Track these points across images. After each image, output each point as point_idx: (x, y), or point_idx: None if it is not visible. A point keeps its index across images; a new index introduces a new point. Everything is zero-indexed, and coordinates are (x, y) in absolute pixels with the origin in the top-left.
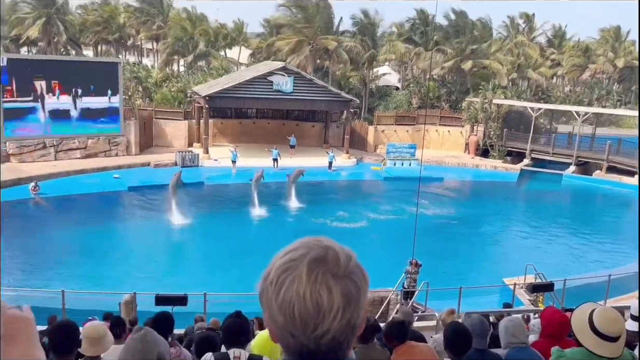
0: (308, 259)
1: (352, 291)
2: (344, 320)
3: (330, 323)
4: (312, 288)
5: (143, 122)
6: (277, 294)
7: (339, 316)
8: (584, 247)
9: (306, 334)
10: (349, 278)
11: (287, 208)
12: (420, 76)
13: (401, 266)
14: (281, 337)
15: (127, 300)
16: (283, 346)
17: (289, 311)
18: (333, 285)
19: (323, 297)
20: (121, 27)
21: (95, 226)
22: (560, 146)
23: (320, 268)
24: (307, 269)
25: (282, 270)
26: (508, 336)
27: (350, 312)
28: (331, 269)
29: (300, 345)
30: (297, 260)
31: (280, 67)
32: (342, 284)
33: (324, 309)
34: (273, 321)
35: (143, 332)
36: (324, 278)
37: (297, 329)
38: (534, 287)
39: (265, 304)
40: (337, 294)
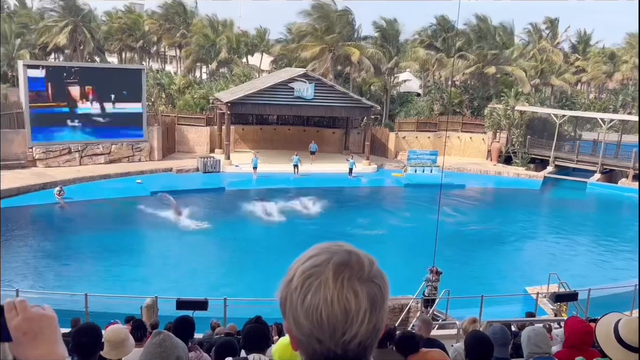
0: (333, 264)
1: (376, 295)
2: (371, 324)
3: (358, 327)
4: (339, 292)
5: (166, 128)
6: (303, 300)
7: (366, 320)
8: (609, 257)
9: (334, 339)
10: (373, 282)
11: (306, 214)
12: (442, 82)
13: (421, 274)
14: (306, 344)
15: (149, 304)
16: (307, 353)
17: (316, 317)
18: (359, 289)
19: (350, 302)
20: (145, 34)
21: (118, 230)
22: (585, 153)
23: (345, 272)
24: (333, 274)
25: (307, 275)
26: (531, 346)
27: (376, 315)
28: (356, 273)
29: (327, 351)
30: (322, 266)
31: (301, 74)
32: (368, 288)
33: (352, 314)
34: (298, 328)
35: (162, 337)
36: (350, 282)
37: (325, 334)
38: (557, 297)
39: (289, 310)
40: (363, 298)
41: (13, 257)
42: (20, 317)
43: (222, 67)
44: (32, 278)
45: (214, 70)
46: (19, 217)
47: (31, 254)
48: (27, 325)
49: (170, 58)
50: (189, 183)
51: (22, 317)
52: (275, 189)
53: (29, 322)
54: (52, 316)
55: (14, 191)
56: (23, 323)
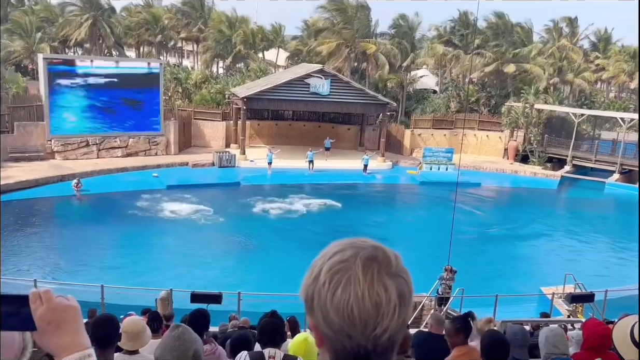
0: (361, 259)
1: (404, 289)
2: (400, 319)
3: (389, 322)
4: (369, 287)
5: (182, 123)
6: (332, 296)
7: (396, 314)
8: (627, 258)
9: (365, 334)
10: (400, 276)
11: (321, 209)
12: (459, 79)
13: (435, 272)
14: (335, 340)
15: (163, 297)
16: (334, 350)
17: (347, 312)
18: (389, 284)
19: (381, 296)
20: (163, 29)
21: (134, 223)
22: (604, 153)
23: (374, 267)
24: (362, 269)
25: (335, 271)
26: (548, 346)
27: (405, 310)
28: (384, 267)
29: (357, 346)
30: (349, 261)
31: (318, 70)
32: (396, 282)
33: (382, 308)
34: (327, 324)
35: (180, 330)
36: (380, 277)
37: (356, 329)
38: (573, 297)
39: (317, 307)
40: (392, 292)
41: (31, 248)
42: (45, 307)
43: (238, 62)
44: (50, 269)
45: (231, 65)
46: (37, 208)
47: (49, 244)
48: (52, 315)
49: (187, 53)
50: (204, 177)
51: (47, 306)
52: (290, 184)
53: (53, 311)
54: (76, 307)
55: (33, 183)
56: (48, 313)
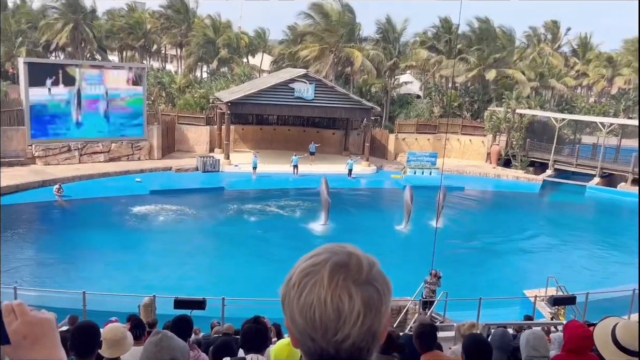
0: (330, 264)
1: (373, 298)
2: (365, 327)
3: (350, 328)
4: (332, 293)
5: (166, 127)
6: (299, 298)
7: (359, 322)
8: (608, 261)
9: (326, 338)
10: (371, 284)
11: (305, 214)
12: (442, 84)
13: (419, 276)
14: (301, 341)
15: (147, 303)
16: (303, 351)
17: (309, 315)
18: (354, 291)
19: (344, 302)
20: (146, 33)
21: (117, 229)
22: (584, 157)
23: (341, 273)
24: (329, 274)
25: (305, 274)
26: (529, 349)
27: (371, 318)
28: (353, 274)
29: (320, 349)
30: (320, 265)
31: (302, 75)
32: (364, 290)
33: (344, 315)
34: (294, 325)
35: (160, 336)
36: (345, 283)
37: (318, 333)
38: (555, 300)
39: (287, 307)
40: (357, 300)
41: (11, 255)
42: (19, 321)
43: (222, 66)
44: (31, 276)
45: (215, 69)
46: (18, 214)
47: (30, 251)
48: (27, 329)
49: (171, 57)
50: (188, 182)
51: (22, 320)
52: (275, 189)
53: (28, 325)
54: (51, 320)
55: (13, 188)
56: (23, 327)
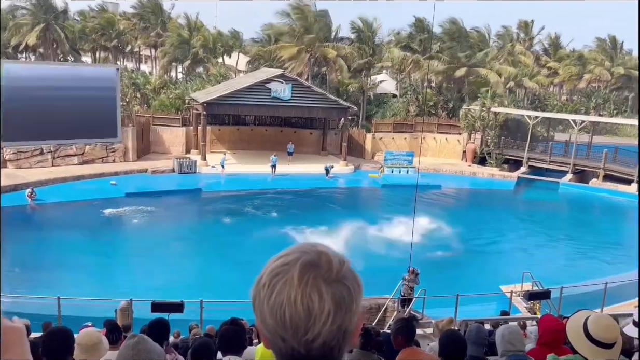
0: (300, 263)
1: (344, 296)
2: (335, 325)
3: (320, 327)
4: (302, 292)
5: (141, 129)
6: (269, 298)
7: (329, 321)
8: (581, 255)
9: (297, 337)
10: (341, 283)
11: (283, 215)
12: (418, 84)
13: (398, 274)
14: (272, 341)
15: (123, 307)
16: (274, 351)
17: (279, 315)
18: (324, 290)
19: (314, 301)
20: (120, 34)
21: (92, 233)
22: (557, 154)
23: (311, 272)
24: (299, 273)
25: (275, 274)
26: (505, 344)
27: (342, 317)
28: (323, 273)
29: (290, 349)
30: (290, 265)
31: (278, 74)
32: (334, 289)
33: (314, 313)
34: (264, 325)
35: (136, 340)
36: (315, 282)
37: (288, 332)
38: (530, 295)
39: (257, 307)
40: (328, 299)
41: None
42: None
43: (198, 67)
44: (3, 282)
45: (190, 70)
46: None
47: (2, 258)
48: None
49: (145, 58)
50: (164, 184)
51: None
52: (252, 189)
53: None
54: (21, 328)
55: None
56: None
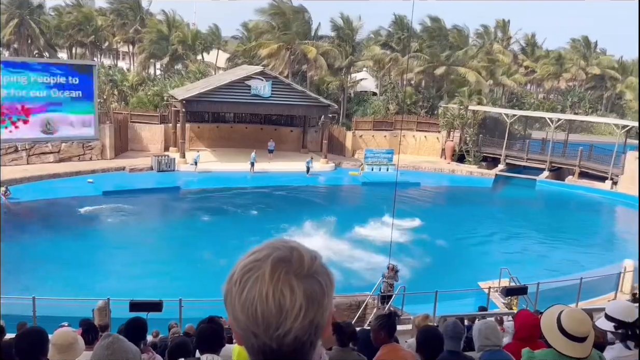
0: (272, 259)
1: (315, 291)
2: (307, 320)
3: (292, 322)
4: (274, 287)
5: (118, 126)
6: (241, 294)
7: (301, 316)
8: (557, 251)
9: (268, 333)
10: (313, 278)
11: (262, 213)
12: (398, 82)
13: (378, 271)
14: (244, 337)
15: (101, 307)
16: (247, 347)
17: (251, 311)
18: (296, 285)
19: (285, 297)
20: (97, 29)
21: (69, 231)
22: (534, 152)
23: (283, 268)
24: (271, 269)
25: (246, 270)
26: (482, 339)
27: (314, 312)
28: (295, 269)
29: (262, 345)
30: (261, 261)
31: (258, 72)
32: (306, 284)
33: (286, 309)
34: (236, 321)
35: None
36: (287, 278)
37: (260, 328)
38: (508, 291)
39: (229, 304)
40: (299, 294)
41: None
42: None
43: (176, 64)
44: None
45: (169, 67)
46: None
47: None
48: None
49: (123, 54)
50: (142, 182)
51: None
52: (231, 187)
53: None
54: None
55: None
56: None
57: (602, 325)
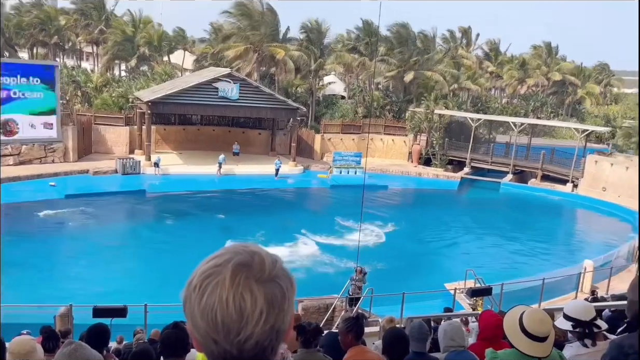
0: (232, 264)
1: (276, 295)
2: (268, 325)
3: (253, 328)
4: (234, 292)
5: (82, 128)
6: (200, 300)
7: (262, 320)
8: (521, 252)
9: (229, 339)
10: (274, 282)
11: (228, 216)
12: (366, 86)
13: (345, 273)
14: (204, 344)
15: (63, 313)
16: (207, 354)
17: (211, 317)
18: (256, 290)
19: (246, 302)
20: (60, 29)
21: (30, 236)
22: (498, 155)
23: (244, 273)
24: (231, 274)
25: (206, 275)
26: (447, 340)
27: (275, 316)
28: (255, 273)
29: (223, 351)
30: (222, 266)
31: (226, 74)
32: (266, 288)
33: (247, 314)
34: (196, 328)
35: (73, 347)
36: (247, 282)
37: (220, 334)
38: (473, 292)
39: (188, 310)
40: (260, 298)
41: None
42: None
43: (142, 65)
44: None
45: (134, 68)
46: None
47: None
48: None
49: (87, 55)
50: (107, 185)
51: None
52: (198, 190)
53: None
54: None
55: None
56: None
57: (560, 325)
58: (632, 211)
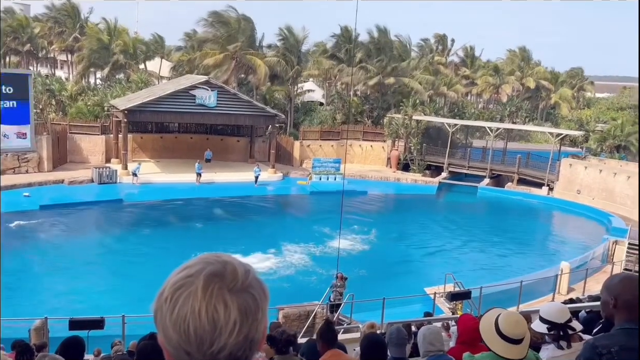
0: (204, 274)
1: (250, 305)
2: (241, 335)
3: (226, 338)
4: (207, 303)
5: (56, 137)
6: (172, 312)
7: (235, 331)
8: (499, 256)
9: (202, 350)
10: (247, 292)
11: (206, 225)
12: (344, 92)
13: (327, 279)
14: (176, 356)
15: (38, 326)
16: None
17: (183, 328)
18: (229, 300)
19: (219, 312)
20: (33, 37)
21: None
22: (475, 160)
23: (216, 283)
24: (203, 284)
25: (178, 286)
26: (426, 344)
27: (248, 326)
28: (228, 283)
29: None
30: (194, 276)
31: (203, 81)
32: (240, 299)
33: (220, 324)
34: (167, 340)
35: None
36: (220, 293)
37: (192, 346)
38: (452, 296)
39: (160, 322)
40: (234, 309)
41: None
42: None
43: (118, 73)
44: None
45: (109, 76)
46: None
47: None
48: None
49: (61, 63)
50: (82, 195)
51: None
52: (176, 199)
53: None
54: None
55: None
56: None
57: (536, 327)
58: (605, 213)
